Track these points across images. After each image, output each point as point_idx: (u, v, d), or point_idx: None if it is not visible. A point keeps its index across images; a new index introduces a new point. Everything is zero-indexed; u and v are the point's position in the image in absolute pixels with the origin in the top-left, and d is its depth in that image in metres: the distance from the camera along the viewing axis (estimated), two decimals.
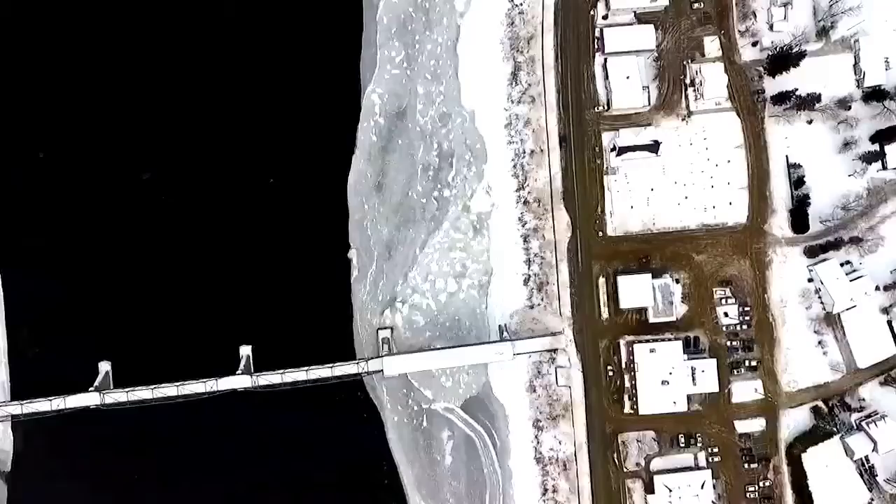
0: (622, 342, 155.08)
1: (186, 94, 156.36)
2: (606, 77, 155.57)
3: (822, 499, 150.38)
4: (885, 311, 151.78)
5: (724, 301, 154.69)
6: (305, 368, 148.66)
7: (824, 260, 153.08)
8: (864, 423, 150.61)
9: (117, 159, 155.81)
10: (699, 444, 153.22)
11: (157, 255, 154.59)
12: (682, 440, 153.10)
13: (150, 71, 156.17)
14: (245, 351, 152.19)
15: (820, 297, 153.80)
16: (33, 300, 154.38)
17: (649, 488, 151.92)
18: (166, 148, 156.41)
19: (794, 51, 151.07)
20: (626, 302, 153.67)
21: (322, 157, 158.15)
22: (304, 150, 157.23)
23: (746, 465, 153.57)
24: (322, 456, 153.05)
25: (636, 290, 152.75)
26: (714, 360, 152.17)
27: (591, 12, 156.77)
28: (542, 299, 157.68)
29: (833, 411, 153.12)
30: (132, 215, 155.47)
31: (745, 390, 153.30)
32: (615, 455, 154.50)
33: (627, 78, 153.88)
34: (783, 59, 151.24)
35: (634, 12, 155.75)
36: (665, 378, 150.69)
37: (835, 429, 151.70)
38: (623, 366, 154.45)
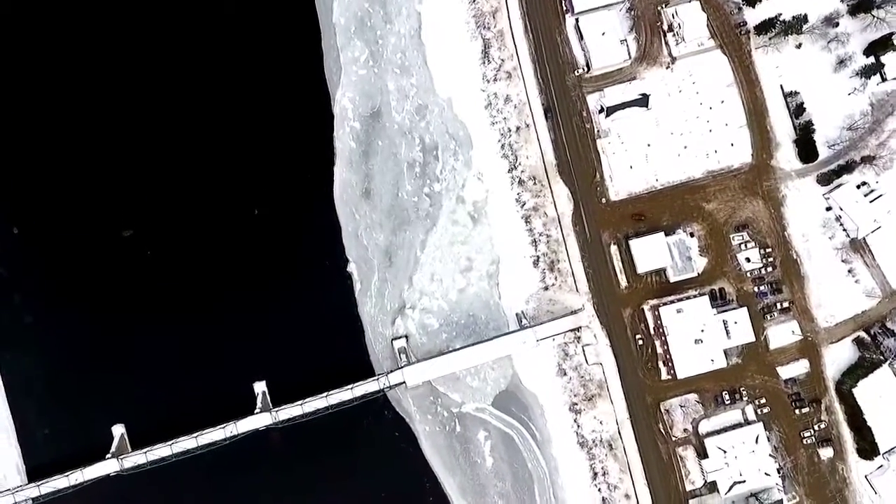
0: (646, 308, 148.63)
1: (158, 137, 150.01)
2: (581, 38, 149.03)
3: (881, 430, 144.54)
4: None
5: (743, 246, 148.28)
6: (325, 394, 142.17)
7: (839, 185, 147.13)
8: None
9: (93, 223, 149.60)
10: (745, 398, 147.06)
11: (152, 307, 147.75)
12: (727, 397, 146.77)
13: (119, 117, 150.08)
14: (260, 388, 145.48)
15: (842, 225, 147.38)
16: (34, 378, 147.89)
17: (702, 453, 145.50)
18: (142, 202, 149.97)
19: None
20: (642, 266, 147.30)
21: (303, 175, 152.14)
22: (283, 173, 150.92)
23: (798, 411, 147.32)
24: (359, 487, 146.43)
25: (651, 252, 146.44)
26: (744, 309, 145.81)
27: None
28: (555, 278, 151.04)
29: (876, 339, 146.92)
30: (120, 276, 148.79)
31: (782, 334, 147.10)
32: (660, 425, 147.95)
33: (603, 34, 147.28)
34: None
35: None
36: (697, 337, 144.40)
37: (881, 357, 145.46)
38: (652, 332, 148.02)
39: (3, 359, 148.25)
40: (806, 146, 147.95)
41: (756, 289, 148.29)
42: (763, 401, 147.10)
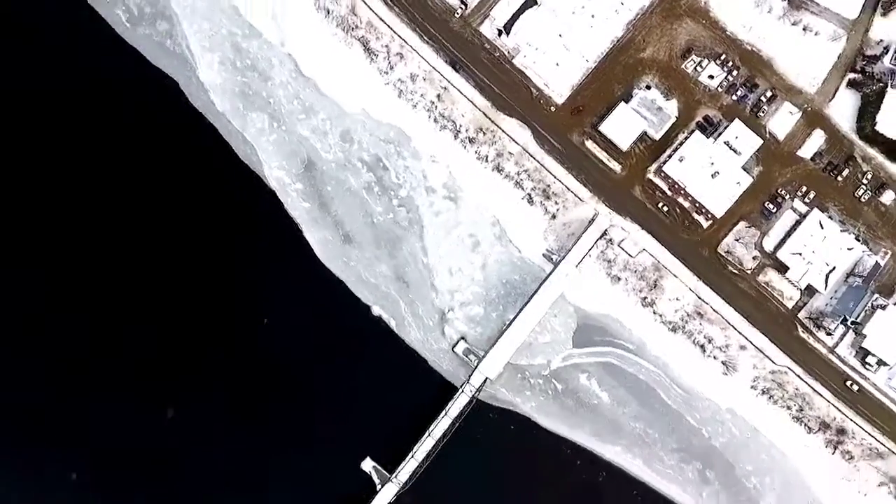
0: (651, 175, 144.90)
1: (151, 295, 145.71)
2: None
3: None
4: None
5: (699, 68, 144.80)
6: (426, 433, 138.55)
7: None
8: None
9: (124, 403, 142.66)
10: (787, 197, 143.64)
11: (222, 451, 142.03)
12: (771, 206, 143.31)
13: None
14: (368, 465, 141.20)
15: None
16: None
17: (781, 268, 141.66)
18: (161, 367, 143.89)
19: None
20: (623, 142, 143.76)
21: (281, 263, 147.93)
22: (262, 274, 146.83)
23: (839, 177, 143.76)
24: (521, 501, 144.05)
25: (624, 125, 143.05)
26: (736, 121, 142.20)
27: None
28: (555, 203, 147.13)
29: (866, 72, 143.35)
30: (171, 446, 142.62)
31: (783, 120, 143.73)
32: (730, 268, 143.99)
33: None
34: None
35: None
36: (711, 172, 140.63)
37: (881, 84, 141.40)
38: (670, 193, 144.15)
39: None
40: None
41: (734, 97, 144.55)
42: (804, 189, 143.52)
